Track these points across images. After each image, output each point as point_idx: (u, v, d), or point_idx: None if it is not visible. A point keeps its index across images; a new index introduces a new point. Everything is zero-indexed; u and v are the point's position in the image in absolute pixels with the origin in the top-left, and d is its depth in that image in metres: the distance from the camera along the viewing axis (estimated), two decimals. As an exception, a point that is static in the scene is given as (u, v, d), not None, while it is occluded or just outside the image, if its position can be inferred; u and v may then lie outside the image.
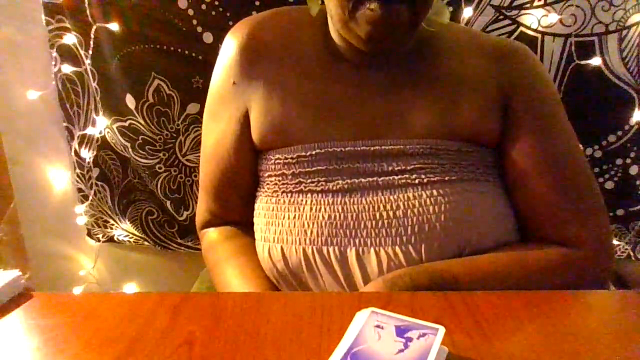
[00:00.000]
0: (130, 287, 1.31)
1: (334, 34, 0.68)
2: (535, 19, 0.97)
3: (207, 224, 0.77)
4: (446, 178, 0.63)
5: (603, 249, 0.65)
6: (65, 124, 1.16)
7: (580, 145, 0.97)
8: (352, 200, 0.63)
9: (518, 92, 0.66)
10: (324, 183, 0.64)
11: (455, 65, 0.67)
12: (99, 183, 1.19)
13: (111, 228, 1.24)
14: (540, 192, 0.65)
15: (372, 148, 0.64)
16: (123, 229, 1.23)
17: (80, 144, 1.17)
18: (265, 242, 0.66)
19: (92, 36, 1.05)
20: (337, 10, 0.60)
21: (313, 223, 0.63)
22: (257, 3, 1.00)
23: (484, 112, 0.66)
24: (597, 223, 0.66)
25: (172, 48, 1.04)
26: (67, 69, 1.10)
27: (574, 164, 0.66)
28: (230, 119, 0.70)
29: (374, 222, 0.61)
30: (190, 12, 1.02)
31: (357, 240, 0.61)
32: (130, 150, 1.12)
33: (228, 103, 0.71)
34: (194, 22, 1.02)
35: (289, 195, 0.65)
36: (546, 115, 0.67)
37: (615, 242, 1.06)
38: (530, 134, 0.65)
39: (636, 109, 0.99)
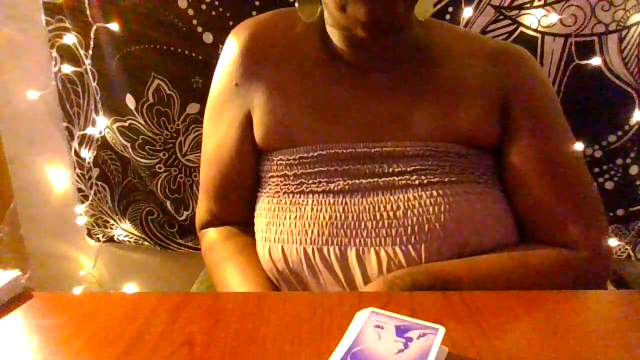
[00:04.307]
0: (130, 287, 1.31)
1: (333, 37, 0.67)
2: (535, 19, 0.97)
3: (207, 224, 0.77)
4: (446, 179, 0.63)
5: (601, 251, 0.65)
6: (65, 124, 1.16)
7: (581, 146, 0.98)
8: (352, 201, 0.63)
9: (517, 95, 0.66)
10: (325, 184, 0.64)
11: (455, 68, 0.67)
12: (99, 183, 1.19)
13: (111, 228, 1.24)
14: (539, 195, 0.65)
15: (372, 149, 0.64)
16: (123, 229, 1.23)
17: (80, 144, 1.17)
18: (266, 242, 0.66)
19: (92, 36, 1.06)
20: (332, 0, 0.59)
21: (314, 223, 0.63)
22: (257, 3, 1.00)
23: (484, 114, 0.66)
24: (595, 225, 0.66)
25: (172, 48, 1.04)
26: (67, 69, 1.10)
27: (573, 167, 0.67)
28: (232, 120, 0.70)
29: (374, 223, 0.61)
30: (190, 12, 1.02)
31: (357, 240, 0.62)
32: (130, 150, 1.12)
33: (230, 104, 0.71)
34: (194, 22, 1.02)
35: (291, 195, 0.65)
36: (545, 118, 0.67)
37: (615, 242, 1.06)
38: (529, 137, 0.65)
39: (636, 109, 0.99)
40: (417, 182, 0.62)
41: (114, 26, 1.03)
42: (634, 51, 0.96)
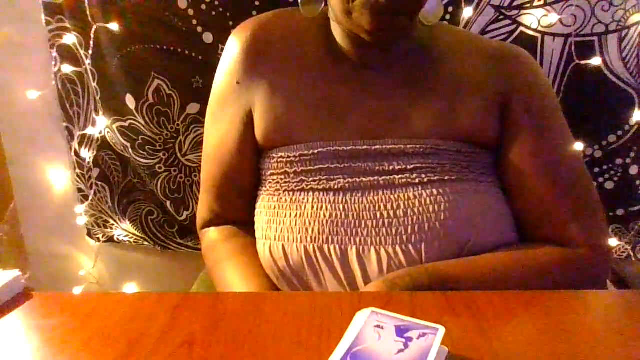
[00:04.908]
0: (130, 287, 1.31)
1: (336, 34, 0.68)
2: (535, 19, 0.97)
3: (208, 224, 0.77)
4: (446, 178, 0.63)
5: (600, 249, 0.66)
6: (65, 124, 1.16)
7: (581, 146, 0.98)
8: (353, 199, 0.63)
9: (517, 95, 0.67)
10: (325, 182, 0.64)
11: (456, 67, 0.68)
12: (99, 183, 1.19)
13: (111, 228, 1.24)
14: (538, 193, 0.65)
15: (373, 147, 0.64)
16: (123, 229, 1.23)
17: (80, 144, 1.17)
18: (267, 240, 0.66)
19: (92, 36, 1.06)
20: (338, 2, 0.60)
21: (314, 221, 0.63)
22: (257, 3, 1.00)
23: (483, 113, 0.66)
24: (594, 223, 0.66)
25: (172, 48, 1.04)
26: (67, 69, 1.10)
27: (572, 166, 0.67)
28: (233, 119, 0.71)
29: (374, 221, 0.61)
30: (190, 12, 1.02)
31: (357, 239, 0.62)
32: (130, 150, 1.12)
33: (231, 103, 0.71)
34: (194, 22, 1.02)
35: (291, 193, 0.66)
36: (544, 118, 0.67)
37: (615, 242, 1.06)
38: (529, 136, 0.65)
39: (636, 109, 0.99)
40: (417, 180, 0.63)
41: (114, 26, 1.03)
42: (634, 51, 0.96)
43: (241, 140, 0.70)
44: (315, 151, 0.65)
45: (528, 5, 0.97)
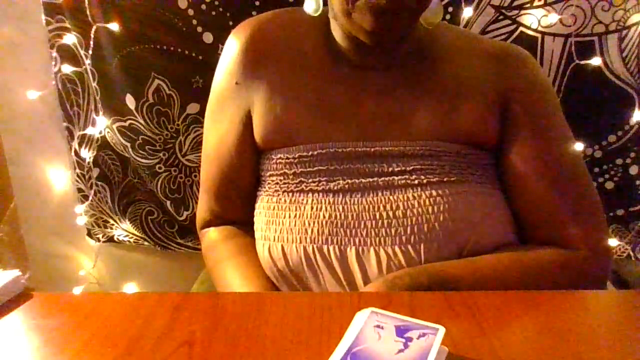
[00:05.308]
0: (130, 287, 1.31)
1: (336, 34, 0.68)
2: (535, 19, 0.97)
3: (208, 224, 0.77)
4: (445, 179, 0.63)
5: (601, 250, 0.66)
6: (65, 124, 1.16)
7: (581, 146, 0.98)
8: (352, 200, 0.63)
9: (517, 95, 0.66)
10: (325, 183, 0.64)
11: (456, 67, 0.67)
12: (99, 183, 1.19)
13: (111, 228, 1.24)
14: (538, 194, 0.65)
15: (372, 149, 0.64)
16: (123, 229, 1.23)
17: (80, 144, 1.17)
18: (266, 241, 0.66)
19: (92, 36, 1.06)
20: (339, 3, 0.60)
21: (314, 222, 0.63)
22: (257, 3, 1.00)
23: (483, 114, 0.66)
24: (594, 224, 0.66)
25: (172, 48, 1.04)
26: (67, 69, 1.10)
27: (572, 167, 0.67)
28: (232, 119, 0.70)
29: (374, 222, 0.61)
30: (190, 12, 1.02)
31: (357, 240, 0.62)
32: (130, 150, 1.12)
33: (230, 103, 0.71)
34: (194, 22, 1.02)
35: (290, 194, 0.66)
36: (545, 119, 0.67)
37: (615, 242, 1.06)
38: (529, 137, 0.65)
39: (636, 109, 0.99)
40: (416, 181, 0.63)
41: (114, 26, 1.04)
42: (634, 51, 0.96)
43: (240, 140, 0.70)
44: (315, 152, 0.65)
45: (528, 5, 0.97)
